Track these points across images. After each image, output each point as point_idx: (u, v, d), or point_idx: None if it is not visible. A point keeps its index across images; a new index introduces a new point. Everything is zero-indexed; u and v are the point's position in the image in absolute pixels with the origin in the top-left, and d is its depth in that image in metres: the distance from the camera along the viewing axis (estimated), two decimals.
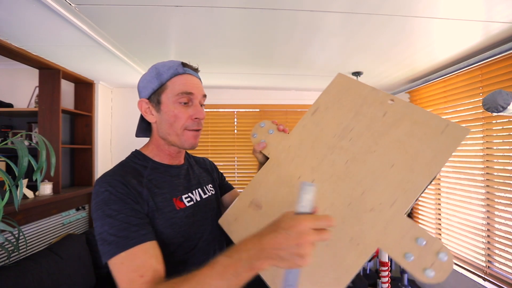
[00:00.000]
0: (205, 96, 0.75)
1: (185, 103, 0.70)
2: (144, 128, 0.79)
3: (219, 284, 0.45)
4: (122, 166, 0.70)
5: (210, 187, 0.85)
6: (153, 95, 0.71)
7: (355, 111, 0.64)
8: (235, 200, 0.71)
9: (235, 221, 0.68)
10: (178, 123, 0.69)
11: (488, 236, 1.79)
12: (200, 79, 0.76)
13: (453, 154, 2.21)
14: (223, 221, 0.71)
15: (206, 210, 0.78)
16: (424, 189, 0.53)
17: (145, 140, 0.82)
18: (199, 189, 0.80)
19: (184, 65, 0.72)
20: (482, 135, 1.85)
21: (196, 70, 0.75)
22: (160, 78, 0.70)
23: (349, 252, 0.52)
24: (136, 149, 0.77)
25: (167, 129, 0.71)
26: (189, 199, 0.74)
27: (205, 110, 0.77)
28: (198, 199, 0.77)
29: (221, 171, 1.00)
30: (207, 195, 0.81)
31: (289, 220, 0.44)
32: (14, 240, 1.59)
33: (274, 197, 0.66)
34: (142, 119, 0.77)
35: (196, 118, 0.70)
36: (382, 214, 0.53)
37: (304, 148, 0.67)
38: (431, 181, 0.54)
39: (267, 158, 0.74)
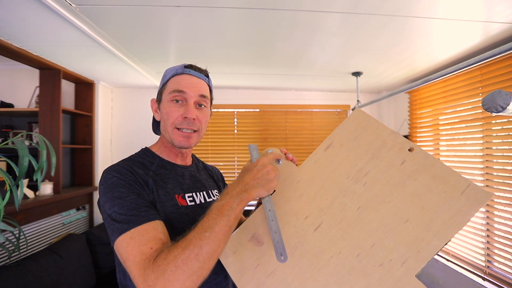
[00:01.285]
0: (203, 96, 0.73)
1: (177, 101, 0.71)
2: (157, 126, 0.83)
3: (221, 220, 0.53)
4: (129, 160, 0.72)
5: (216, 192, 0.85)
6: (158, 94, 0.77)
7: (372, 154, 0.60)
8: (236, 231, 0.62)
9: (234, 254, 0.61)
10: (169, 121, 0.72)
11: (488, 236, 1.80)
12: (206, 80, 0.76)
13: (452, 153, 2.21)
14: None
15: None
16: (438, 251, 0.52)
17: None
18: (204, 192, 0.80)
19: (187, 66, 0.74)
20: (481, 135, 1.85)
21: (200, 71, 0.76)
22: (164, 79, 0.76)
23: None
24: (145, 146, 0.80)
25: (163, 126, 0.75)
26: (191, 198, 0.74)
27: None
28: (202, 201, 0.77)
29: (221, 171, 1.00)
30: (211, 199, 0.80)
31: (252, 164, 0.62)
32: (14, 239, 1.60)
33: None
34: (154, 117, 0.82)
35: (185, 117, 0.71)
36: (391, 272, 0.51)
37: (314, 186, 0.62)
38: (446, 243, 0.52)
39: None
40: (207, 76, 0.78)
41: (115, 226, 0.56)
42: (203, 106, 0.74)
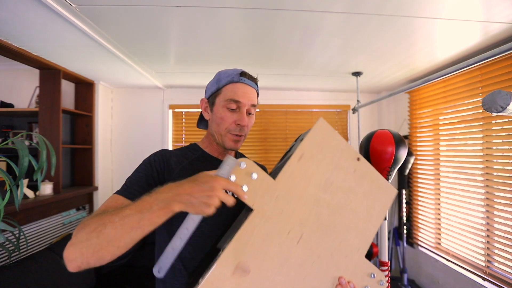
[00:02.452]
0: (254, 105, 0.81)
1: (232, 109, 0.79)
2: (203, 123, 0.93)
3: (135, 216, 0.53)
4: (176, 149, 0.85)
5: None
6: (211, 97, 0.83)
7: (334, 164, 0.66)
8: (212, 268, 0.54)
9: None
10: (223, 125, 0.80)
11: (488, 236, 1.80)
12: (255, 88, 0.83)
13: (452, 153, 2.21)
14: None
15: (227, 211, 0.76)
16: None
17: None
18: None
19: (242, 74, 0.80)
20: (481, 135, 1.85)
21: (253, 79, 0.82)
22: (218, 83, 0.81)
23: None
24: (194, 142, 0.90)
25: (215, 128, 0.82)
26: None
27: None
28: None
29: None
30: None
31: (207, 176, 0.54)
32: (14, 239, 1.60)
33: (263, 258, 0.58)
34: (201, 114, 0.90)
35: (238, 124, 0.79)
36: (353, 259, 0.67)
37: (293, 200, 0.62)
38: None
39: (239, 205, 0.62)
40: (257, 83, 0.85)
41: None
42: (251, 114, 0.83)
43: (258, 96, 0.86)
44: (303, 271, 0.62)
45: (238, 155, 0.96)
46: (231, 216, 0.75)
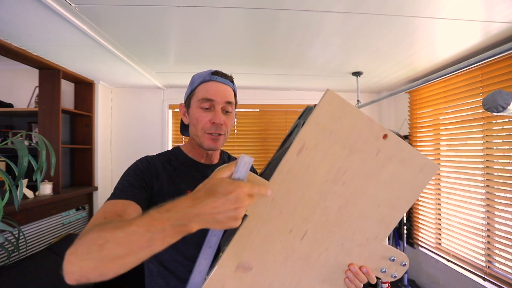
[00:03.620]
0: (229, 102, 0.79)
1: (206, 108, 0.78)
2: (185, 128, 0.91)
3: (144, 235, 0.45)
4: (159, 154, 0.84)
5: None
6: (187, 100, 0.83)
7: (349, 149, 0.54)
8: (214, 269, 0.56)
9: None
10: (198, 126, 0.79)
11: (488, 236, 1.79)
12: (231, 86, 0.82)
13: (453, 153, 2.21)
14: None
15: None
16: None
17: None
18: None
19: (214, 73, 0.79)
20: (482, 135, 1.85)
21: (226, 77, 0.81)
22: (192, 85, 0.81)
23: (342, 277, 0.63)
24: (178, 145, 0.89)
25: (192, 130, 0.82)
26: None
27: None
28: None
29: None
30: None
31: (227, 185, 0.45)
32: (14, 240, 1.59)
33: (265, 256, 0.58)
34: (181, 120, 0.89)
35: (213, 123, 0.77)
36: (368, 247, 0.60)
37: (293, 199, 0.55)
38: None
39: None
40: (232, 81, 0.83)
41: (109, 196, 0.68)
42: (229, 112, 0.81)
43: (235, 95, 0.85)
44: (309, 263, 0.60)
45: (224, 155, 0.94)
46: None
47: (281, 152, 0.62)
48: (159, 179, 0.75)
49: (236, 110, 0.88)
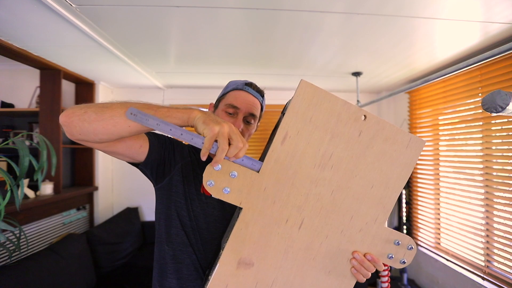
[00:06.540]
0: (252, 115, 0.82)
1: (230, 113, 0.81)
2: None
3: (121, 109, 0.59)
4: (188, 144, 0.88)
5: None
6: (216, 101, 0.89)
7: (331, 133, 0.56)
8: (216, 268, 0.58)
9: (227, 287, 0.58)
10: None
11: (487, 235, 1.80)
12: (260, 100, 0.85)
13: (452, 153, 2.20)
14: None
15: (229, 207, 0.79)
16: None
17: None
18: None
19: (248, 84, 0.84)
20: (481, 135, 1.85)
21: (258, 90, 0.85)
22: (225, 89, 0.87)
23: (348, 267, 0.62)
24: None
25: None
26: None
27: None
28: None
29: None
30: None
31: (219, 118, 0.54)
32: (15, 239, 1.60)
33: (264, 249, 0.58)
34: None
35: None
36: (369, 231, 0.60)
37: (284, 187, 0.57)
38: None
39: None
40: (263, 96, 0.87)
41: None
42: (250, 123, 0.84)
43: (262, 110, 0.88)
44: (311, 253, 0.60)
45: None
46: (233, 211, 0.77)
47: (268, 146, 0.64)
48: (176, 165, 0.78)
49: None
